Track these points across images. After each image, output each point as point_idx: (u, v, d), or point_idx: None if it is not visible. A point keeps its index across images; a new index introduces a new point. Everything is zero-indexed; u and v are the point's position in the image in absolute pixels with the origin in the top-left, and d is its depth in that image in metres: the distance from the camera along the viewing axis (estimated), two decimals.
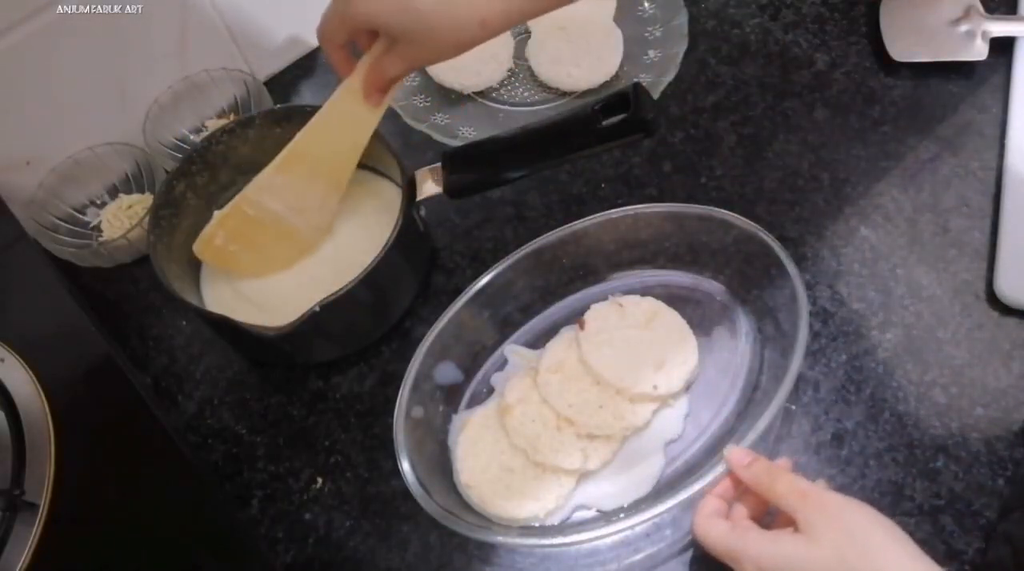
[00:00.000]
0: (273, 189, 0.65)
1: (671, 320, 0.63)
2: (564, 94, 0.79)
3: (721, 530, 0.50)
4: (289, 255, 0.69)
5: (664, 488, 0.58)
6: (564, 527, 0.58)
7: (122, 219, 0.76)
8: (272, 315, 0.64)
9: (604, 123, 0.59)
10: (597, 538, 0.55)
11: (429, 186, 0.64)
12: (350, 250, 0.68)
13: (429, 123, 0.77)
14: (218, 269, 0.69)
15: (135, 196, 0.77)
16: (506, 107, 0.79)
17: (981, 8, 0.76)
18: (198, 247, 0.67)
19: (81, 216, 0.77)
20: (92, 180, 0.76)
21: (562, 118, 0.61)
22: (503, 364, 0.65)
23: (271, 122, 0.69)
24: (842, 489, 0.58)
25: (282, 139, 0.69)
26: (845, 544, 0.46)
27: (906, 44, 0.76)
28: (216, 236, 0.66)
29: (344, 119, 0.63)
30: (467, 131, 0.77)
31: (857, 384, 0.62)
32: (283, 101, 0.83)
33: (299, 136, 0.63)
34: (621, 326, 0.63)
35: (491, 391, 0.64)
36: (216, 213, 0.67)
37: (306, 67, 0.85)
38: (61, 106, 0.72)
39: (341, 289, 0.59)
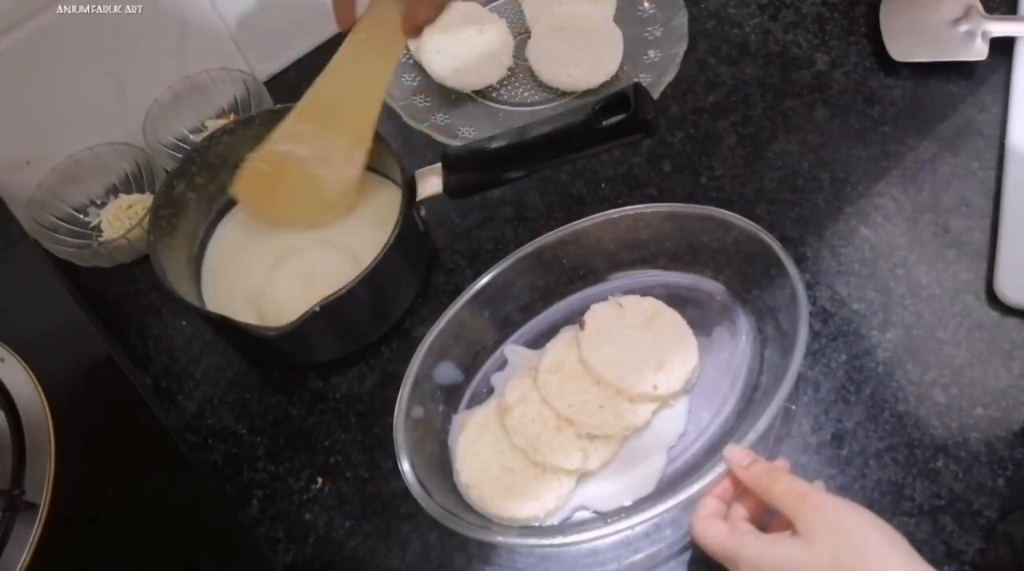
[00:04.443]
0: (298, 137, 0.65)
1: (671, 320, 0.63)
2: (564, 94, 0.79)
3: (719, 531, 0.50)
4: (314, 209, 0.69)
5: (664, 488, 0.58)
6: (564, 527, 0.58)
7: (122, 219, 0.76)
8: (272, 315, 0.64)
9: (604, 123, 0.59)
10: (597, 538, 0.55)
11: (429, 186, 0.64)
12: (350, 250, 0.68)
13: (429, 123, 0.77)
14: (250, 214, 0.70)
15: (135, 196, 0.77)
16: (506, 107, 0.79)
17: (981, 8, 0.76)
18: (233, 189, 0.68)
19: (81, 216, 0.77)
20: (92, 180, 0.76)
21: (562, 118, 0.61)
22: (503, 364, 0.65)
23: (271, 122, 0.69)
24: (842, 489, 0.58)
25: None
26: (842, 547, 0.45)
27: (906, 44, 0.76)
28: (245, 182, 0.67)
29: (355, 69, 0.63)
30: (467, 131, 0.77)
31: (857, 384, 0.62)
32: (283, 101, 0.82)
33: (313, 86, 0.64)
34: (621, 326, 0.63)
35: (491, 391, 0.64)
36: (249, 157, 0.67)
37: (306, 67, 0.85)
38: (61, 106, 0.72)
39: (341, 289, 0.59)
